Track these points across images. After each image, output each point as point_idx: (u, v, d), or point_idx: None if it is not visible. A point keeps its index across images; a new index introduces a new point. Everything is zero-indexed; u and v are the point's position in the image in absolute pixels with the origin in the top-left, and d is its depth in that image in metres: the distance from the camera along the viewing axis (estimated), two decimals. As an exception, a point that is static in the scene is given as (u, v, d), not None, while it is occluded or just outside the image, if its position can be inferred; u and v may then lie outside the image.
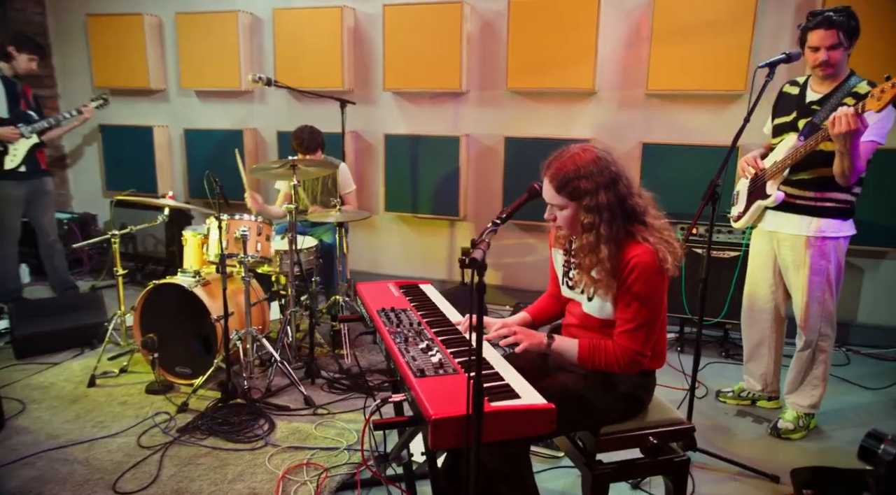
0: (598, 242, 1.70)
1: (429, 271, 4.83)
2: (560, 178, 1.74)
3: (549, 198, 1.79)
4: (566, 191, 1.73)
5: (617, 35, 4.07)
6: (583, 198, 1.71)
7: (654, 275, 1.68)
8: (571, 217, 1.75)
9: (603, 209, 1.69)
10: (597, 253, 1.70)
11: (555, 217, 1.81)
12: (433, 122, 4.57)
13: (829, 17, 2.42)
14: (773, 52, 3.79)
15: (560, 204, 1.76)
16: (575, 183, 1.71)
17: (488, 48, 4.36)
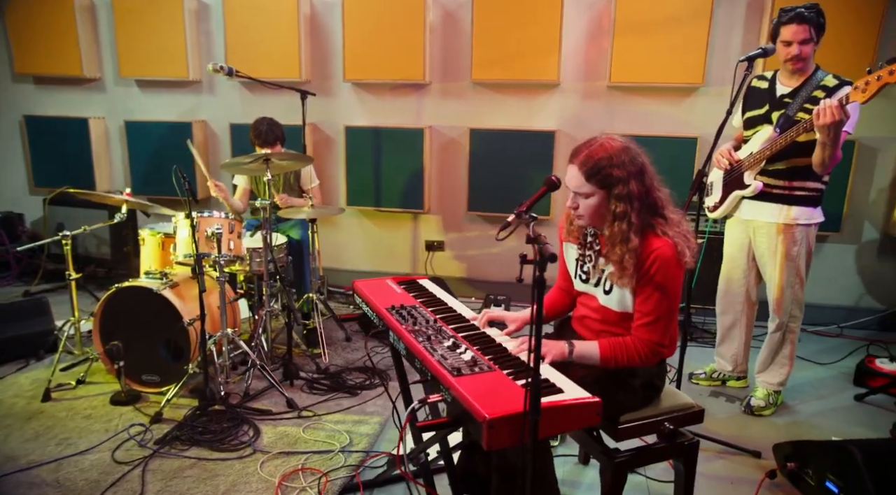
0: (629, 231, 1.71)
1: (393, 265, 4.77)
2: (591, 166, 1.73)
3: (575, 186, 1.78)
4: (597, 178, 1.73)
5: (580, 27, 4.13)
6: (614, 186, 1.72)
7: (674, 268, 1.72)
8: (597, 205, 1.75)
9: (634, 198, 1.71)
10: (628, 242, 1.71)
11: (577, 206, 1.79)
12: (395, 113, 4.49)
13: (801, 13, 2.54)
14: (728, 46, 3.98)
15: (587, 192, 1.75)
16: (607, 171, 1.72)
17: (451, 39, 4.32)
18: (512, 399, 1.40)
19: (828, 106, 2.33)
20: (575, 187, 1.78)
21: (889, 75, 2.18)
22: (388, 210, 4.58)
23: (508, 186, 4.34)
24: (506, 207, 4.39)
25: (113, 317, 3.00)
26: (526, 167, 4.29)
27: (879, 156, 3.95)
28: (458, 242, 4.65)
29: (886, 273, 4.10)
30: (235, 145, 4.67)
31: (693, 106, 4.09)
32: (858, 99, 2.27)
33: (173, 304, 2.89)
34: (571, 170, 1.79)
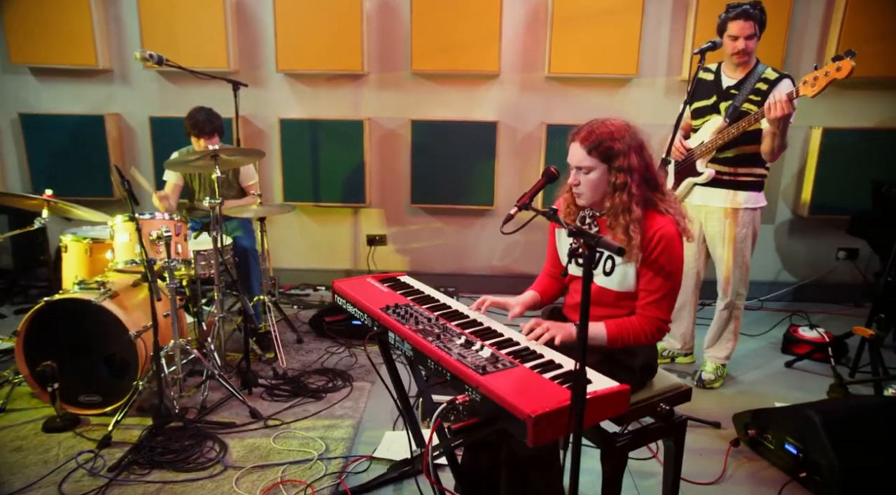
0: (630, 201, 1.76)
1: (333, 262, 4.63)
2: (593, 140, 1.78)
3: (577, 161, 1.82)
4: (599, 151, 1.77)
5: (519, 18, 4.16)
6: (615, 158, 1.77)
7: (677, 245, 1.77)
8: (599, 179, 1.80)
9: (634, 171, 1.77)
10: (630, 212, 1.76)
11: (578, 182, 1.83)
12: (332, 105, 4.34)
13: (747, 10, 2.69)
14: (657, 39, 4.16)
15: (589, 165, 1.79)
16: (608, 143, 1.76)
17: (388, 29, 4.22)
18: (547, 393, 1.39)
19: (778, 101, 2.50)
20: (577, 162, 1.82)
21: (836, 72, 2.36)
22: (327, 205, 4.44)
23: (452, 178, 4.32)
24: (449, 199, 4.38)
25: (42, 335, 2.70)
26: (469, 158, 4.29)
27: (790, 146, 4.29)
28: (401, 236, 4.59)
29: (798, 249, 4.49)
30: (157, 141, 4.33)
31: (627, 96, 4.25)
32: (808, 92, 2.45)
33: (116, 316, 2.64)
34: (573, 148, 1.83)
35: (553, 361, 1.57)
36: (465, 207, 4.42)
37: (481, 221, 4.53)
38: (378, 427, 2.73)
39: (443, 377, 1.58)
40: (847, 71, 2.34)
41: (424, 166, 4.30)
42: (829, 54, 4.05)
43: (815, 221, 4.36)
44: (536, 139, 4.34)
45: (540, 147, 4.32)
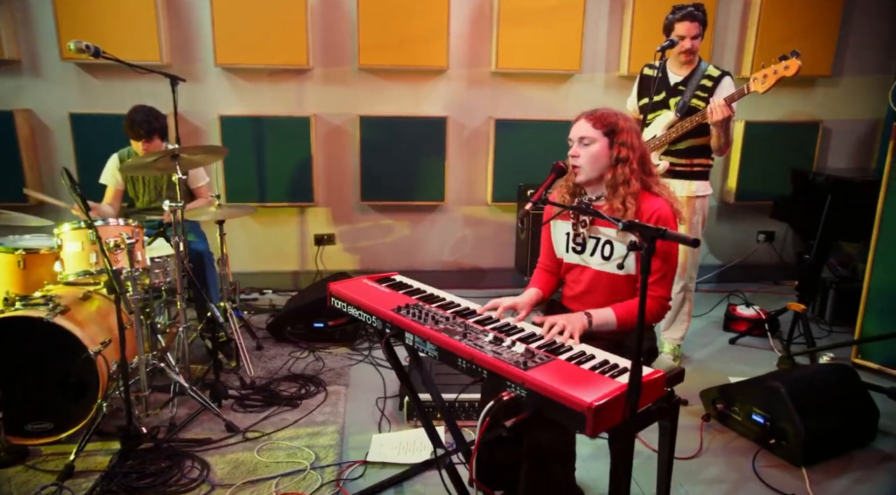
0: (630, 175, 1.86)
1: (280, 263, 4.46)
2: (599, 115, 1.89)
3: (581, 133, 1.91)
4: (604, 124, 1.88)
5: (466, 14, 4.18)
6: (619, 133, 1.88)
7: (673, 226, 1.86)
8: (599, 152, 1.89)
9: (635, 148, 1.88)
10: (629, 185, 1.86)
11: (578, 154, 1.90)
12: (275, 101, 4.17)
13: (692, 12, 2.86)
14: (596, 37, 4.32)
15: (592, 136, 1.88)
16: (613, 120, 1.89)
17: (333, 22, 4.11)
18: (594, 383, 1.42)
19: (717, 106, 2.69)
20: (581, 133, 1.90)
21: (784, 69, 2.56)
22: (272, 205, 4.26)
23: (402, 174, 4.29)
24: (399, 195, 4.35)
25: (-21, 360, 2.42)
26: (419, 154, 4.27)
27: (717, 135, 4.62)
28: (350, 234, 4.50)
29: (724, 234, 4.83)
30: (79, 140, 3.98)
31: (569, 91, 4.39)
32: (759, 89, 2.64)
33: (72, 333, 2.41)
34: (579, 124, 1.93)
35: (584, 352, 1.61)
36: (415, 203, 4.40)
37: (431, 217, 4.52)
38: (363, 430, 2.67)
39: (476, 375, 1.57)
40: (795, 69, 2.55)
41: (374, 163, 4.24)
42: (748, 53, 4.39)
43: (741, 207, 4.72)
44: (484, 134, 4.39)
45: (488, 142, 4.37)
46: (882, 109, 4.75)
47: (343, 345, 3.52)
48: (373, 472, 2.37)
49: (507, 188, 4.38)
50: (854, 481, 2.41)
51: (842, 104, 4.69)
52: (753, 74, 2.68)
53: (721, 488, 2.34)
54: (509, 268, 4.65)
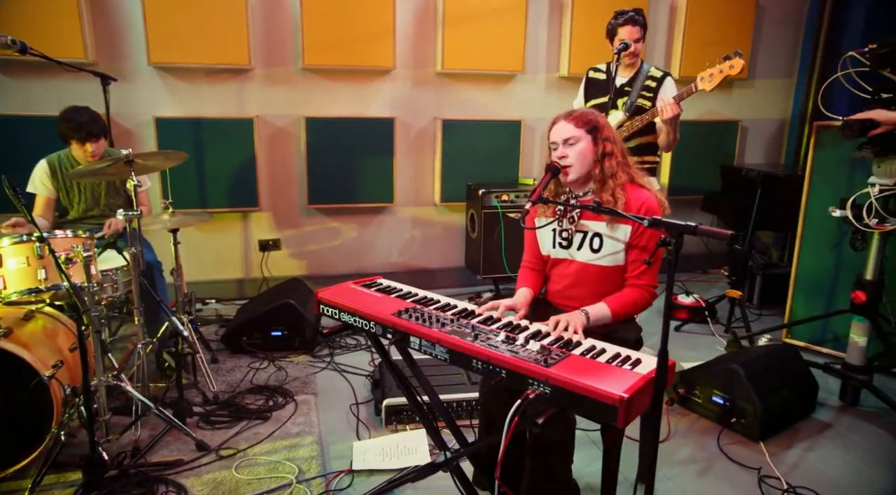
0: (617, 167, 1.96)
1: (222, 272, 4.27)
2: (578, 115, 1.98)
3: (565, 134, 1.96)
4: (587, 125, 1.96)
5: (411, 14, 4.17)
6: (600, 130, 1.97)
7: (659, 215, 1.95)
8: (586, 149, 1.96)
9: (616, 142, 1.98)
10: (616, 177, 1.96)
11: (566, 155, 1.96)
12: (214, 102, 3.98)
13: (633, 17, 3.01)
14: (537, 38, 4.44)
15: (577, 136, 1.95)
16: (592, 117, 1.98)
17: (274, 21, 3.98)
18: (616, 376, 1.47)
19: (668, 104, 2.84)
20: (565, 134, 1.96)
21: (729, 69, 2.74)
22: (214, 211, 4.06)
23: (350, 176, 4.22)
24: (347, 198, 4.28)
25: None
26: (366, 155, 4.21)
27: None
28: (296, 239, 4.37)
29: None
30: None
31: (512, 91, 4.48)
32: (706, 87, 2.81)
33: (21, 358, 2.20)
34: (560, 126, 1.98)
35: (595, 346, 1.66)
36: (363, 206, 4.35)
37: (379, 219, 4.48)
38: (341, 439, 2.61)
39: (494, 376, 1.58)
40: (739, 68, 2.74)
41: (320, 165, 4.14)
42: (676, 57, 4.66)
43: (672, 202, 4.98)
44: (430, 134, 4.40)
45: (434, 142, 4.39)
46: (788, 110, 5.19)
47: (303, 352, 3.42)
48: (360, 481, 2.33)
49: (456, 188, 4.41)
50: (804, 450, 2.63)
51: (755, 105, 5.08)
52: (700, 74, 2.85)
53: (694, 468, 2.48)
54: (458, 268, 4.69)
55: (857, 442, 2.71)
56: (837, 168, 3.37)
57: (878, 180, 2.70)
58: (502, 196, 4.10)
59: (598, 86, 3.26)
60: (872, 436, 2.76)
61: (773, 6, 4.86)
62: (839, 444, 2.69)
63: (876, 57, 2.47)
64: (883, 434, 2.79)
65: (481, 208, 4.09)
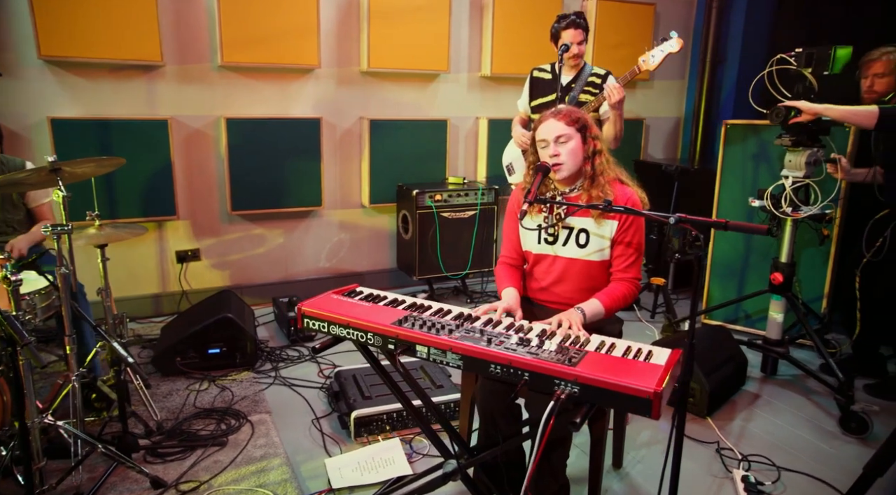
0: (606, 164, 2.03)
1: (135, 288, 3.89)
2: (567, 113, 2.03)
3: (557, 131, 2.00)
4: (577, 123, 2.02)
5: (335, 11, 4.03)
6: (589, 129, 2.05)
7: None
8: (576, 147, 2.02)
9: (602, 141, 2.05)
10: (605, 174, 2.03)
11: (558, 153, 1.99)
12: (120, 102, 3.61)
13: (575, 21, 3.12)
14: (459, 38, 4.47)
15: (569, 134, 2.00)
16: (584, 119, 2.05)
17: (187, 14, 3.68)
18: (639, 370, 1.52)
19: (613, 87, 2.98)
20: (558, 132, 1.99)
21: (670, 47, 2.92)
22: (126, 221, 3.69)
23: (275, 180, 4.01)
24: (273, 202, 4.07)
25: None
26: (293, 158, 4.02)
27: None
28: (218, 248, 4.09)
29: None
30: None
31: (437, 91, 4.47)
32: (650, 67, 2.98)
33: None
34: (549, 124, 2.01)
35: (604, 342, 1.70)
36: (290, 210, 4.15)
37: (306, 223, 4.30)
38: (311, 457, 2.49)
39: (516, 379, 1.57)
40: (680, 46, 2.93)
41: (243, 169, 3.89)
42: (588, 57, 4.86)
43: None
44: (356, 135, 4.29)
45: (361, 142, 4.29)
46: (681, 109, 5.63)
47: (245, 369, 3.21)
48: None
49: (384, 189, 4.34)
50: (744, 420, 2.88)
51: (656, 104, 5.45)
52: (642, 56, 3.02)
53: (660, 448, 2.63)
54: (387, 270, 4.62)
55: (783, 407, 3.01)
56: (744, 162, 3.70)
57: (790, 173, 2.99)
58: (436, 196, 4.09)
59: (543, 85, 3.34)
60: (793, 401, 3.08)
61: (667, 13, 5.24)
62: (769, 412, 2.96)
63: (801, 58, 2.74)
64: (800, 397, 3.11)
65: (415, 209, 4.05)
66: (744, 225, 1.56)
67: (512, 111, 4.60)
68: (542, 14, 4.49)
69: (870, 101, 2.87)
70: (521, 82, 3.52)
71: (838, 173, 3.02)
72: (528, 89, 3.41)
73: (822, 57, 2.69)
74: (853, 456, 2.62)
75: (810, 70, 2.75)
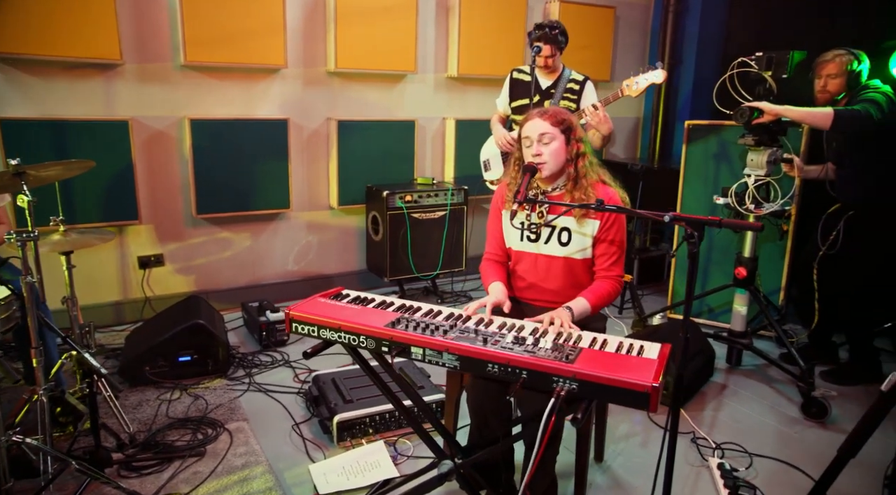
0: (588, 167, 2.06)
1: (95, 295, 3.73)
2: (553, 113, 2.06)
3: (542, 130, 2.03)
4: (562, 124, 2.04)
5: (301, 10, 3.97)
6: (572, 131, 2.07)
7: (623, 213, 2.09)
8: (559, 148, 2.04)
9: (585, 143, 2.08)
10: (587, 177, 2.06)
11: (541, 152, 2.02)
12: (76, 102, 3.47)
13: (546, 34, 3.17)
14: (426, 38, 4.47)
15: (553, 134, 2.03)
16: (569, 120, 2.07)
17: (148, 11, 3.56)
18: (633, 365, 1.56)
19: (598, 120, 3.04)
20: (542, 130, 2.02)
21: (654, 78, 2.99)
22: (85, 226, 3.54)
23: (242, 182, 3.92)
24: (240, 205, 3.98)
25: None
26: (260, 159, 3.94)
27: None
28: (182, 252, 3.97)
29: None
30: None
31: (404, 91, 4.46)
32: (632, 94, 3.05)
33: None
34: (534, 123, 2.04)
35: (596, 338, 1.74)
36: (258, 213, 4.06)
37: (274, 225, 4.23)
38: (294, 464, 2.45)
39: (514, 378, 1.59)
40: (663, 78, 3.01)
41: (209, 171, 3.79)
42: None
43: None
44: (324, 136, 4.24)
45: (329, 144, 4.24)
46: (641, 109, 5.78)
47: (217, 376, 3.13)
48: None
49: (353, 190, 4.30)
50: (713, 410, 2.98)
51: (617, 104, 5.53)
52: (626, 81, 3.09)
53: (636, 440, 2.70)
54: (357, 272, 4.59)
55: (749, 396, 3.14)
56: (705, 161, 3.84)
57: (752, 171, 3.12)
58: (406, 196, 4.08)
59: (523, 86, 3.37)
60: (757, 389, 3.21)
61: (626, 16, 5.37)
62: (737, 401, 3.08)
63: (761, 62, 2.86)
64: (764, 386, 3.25)
65: (386, 210, 4.03)
66: (737, 222, 1.62)
67: (478, 112, 4.65)
68: (508, 16, 4.55)
69: (823, 101, 3.01)
70: (488, 83, 3.57)
71: (794, 172, 3.17)
72: (508, 89, 3.45)
73: (781, 60, 2.81)
74: (815, 439, 2.75)
75: (770, 73, 2.88)
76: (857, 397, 3.13)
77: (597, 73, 5.05)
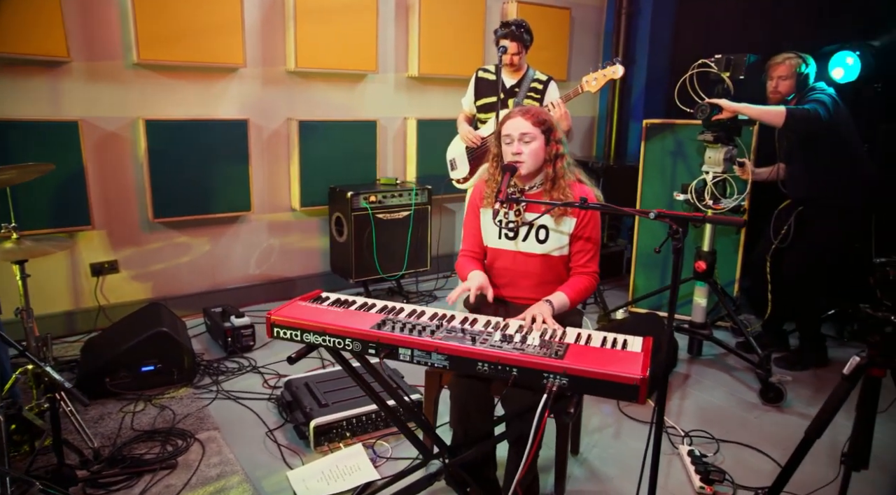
0: (566, 168, 2.10)
1: (45, 305, 3.55)
2: (537, 115, 2.09)
3: (522, 129, 2.06)
4: (542, 125, 2.07)
5: (259, 8, 3.88)
6: (552, 131, 2.11)
7: (598, 211, 2.14)
8: (538, 148, 2.08)
9: (564, 144, 2.11)
10: (565, 177, 2.10)
11: (521, 151, 2.05)
12: (19, 101, 3.29)
13: (512, 32, 3.21)
14: (386, 38, 4.45)
15: (533, 134, 2.06)
16: (549, 121, 2.11)
17: (95, 8, 3.41)
18: (619, 358, 1.60)
19: (561, 116, 3.08)
20: (523, 129, 2.05)
21: (613, 73, 3.06)
22: (33, 233, 3.35)
23: (200, 185, 3.81)
24: (199, 209, 3.86)
25: None
26: (219, 161, 3.84)
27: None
28: (138, 259, 3.82)
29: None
30: None
31: (364, 91, 4.42)
32: (592, 89, 3.10)
33: None
34: (516, 121, 2.07)
35: (580, 334, 1.77)
36: (217, 216, 3.95)
37: (234, 229, 4.12)
38: (271, 472, 2.40)
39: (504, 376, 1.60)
40: (620, 73, 3.08)
41: (165, 173, 3.66)
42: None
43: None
44: (284, 136, 4.16)
45: (289, 144, 4.16)
46: (596, 108, 5.92)
47: (183, 385, 3.03)
48: (311, 511, 2.17)
49: (315, 191, 4.24)
50: (679, 399, 3.08)
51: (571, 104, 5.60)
52: (585, 77, 3.15)
53: (608, 432, 2.76)
54: (320, 274, 4.52)
55: (711, 384, 3.26)
56: (662, 158, 3.96)
57: (710, 168, 3.24)
58: (370, 197, 4.04)
59: (488, 85, 3.39)
60: (717, 378, 3.34)
61: (581, 17, 5.48)
62: (700, 389, 3.19)
63: (720, 63, 2.97)
64: (723, 374, 3.38)
65: (350, 210, 3.99)
66: (721, 218, 1.69)
67: (440, 111, 4.65)
68: (467, 16, 4.57)
69: (775, 101, 3.15)
70: (449, 83, 3.58)
71: (745, 175, 3.30)
72: (474, 88, 3.46)
73: (738, 62, 2.94)
74: (773, 422, 2.88)
75: (728, 74, 3.00)
76: (808, 381, 3.30)
77: (554, 73, 5.11)
